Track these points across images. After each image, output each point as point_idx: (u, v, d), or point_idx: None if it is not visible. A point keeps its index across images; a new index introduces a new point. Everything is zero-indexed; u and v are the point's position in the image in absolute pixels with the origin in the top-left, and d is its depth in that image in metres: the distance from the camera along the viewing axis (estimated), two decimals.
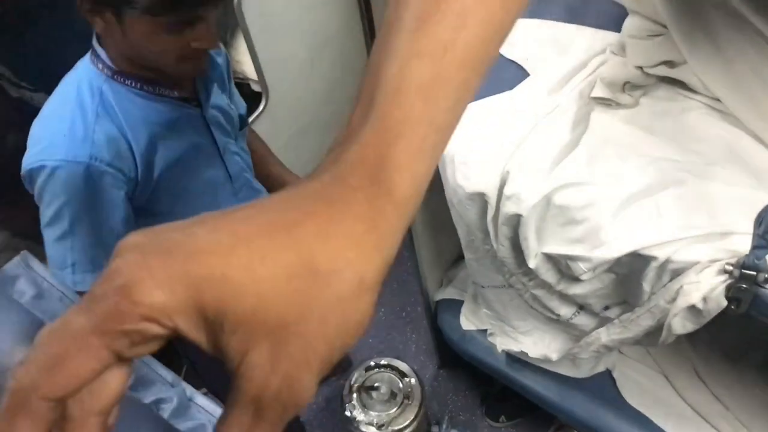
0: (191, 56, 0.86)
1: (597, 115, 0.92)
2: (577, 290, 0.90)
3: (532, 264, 0.89)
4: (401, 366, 1.40)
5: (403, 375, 1.38)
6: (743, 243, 0.70)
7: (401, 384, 1.37)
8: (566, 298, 0.95)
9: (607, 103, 0.92)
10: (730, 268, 0.70)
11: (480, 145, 0.90)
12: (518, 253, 0.92)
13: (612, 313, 0.92)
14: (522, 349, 1.18)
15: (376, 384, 1.38)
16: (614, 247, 0.78)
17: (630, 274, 0.81)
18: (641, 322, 0.84)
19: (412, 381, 1.37)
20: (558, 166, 0.85)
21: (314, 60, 1.64)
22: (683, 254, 0.74)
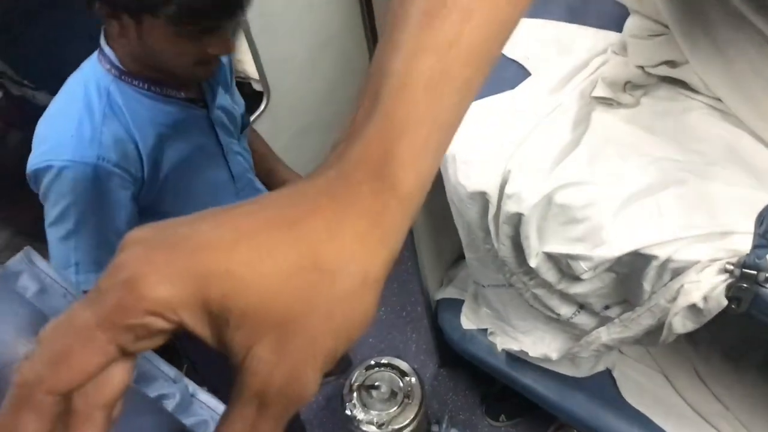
0: (206, 61, 0.87)
1: (598, 114, 0.92)
2: (577, 289, 0.90)
3: (532, 263, 0.89)
4: (401, 365, 1.40)
5: (404, 374, 1.38)
6: (744, 242, 0.70)
7: (401, 383, 1.37)
8: (567, 298, 0.96)
9: (609, 102, 0.92)
10: (731, 267, 0.70)
11: (481, 144, 0.90)
12: (519, 253, 0.92)
13: (612, 312, 0.92)
14: (522, 348, 1.18)
15: (377, 383, 1.37)
16: (615, 246, 0.78)
17: (631, 274, 0.81)
18: (642, 322, 0.84)
19: (413, 380, 1.37)
20: (559, 166, 0.85)
21: (315, 59, 1.64)
22: (684, 253, 0.74)
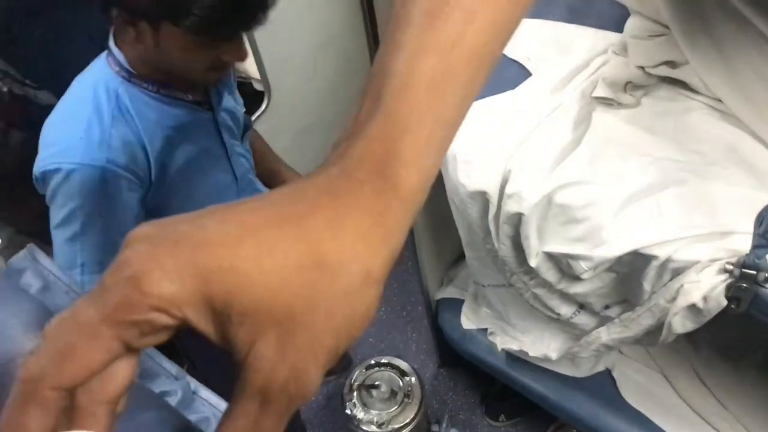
0: (218, 67, 0.87)
1: (599, 114, 0.92)
2: (577, 289, 0.90)
3: (533, 263, 0.89)
4: (401, 365, 1.40)
5: (404, 374, 1.38)
6: (744, 242, 0.70)
7: (401, 383, 1.37)
8: (567, 297, 0.96)
9: (609, 102, 0.92)
10: (731, 267, 0.70)
11: (482, 144, 0.91)
12: (519, 252, 0.92)
13: (612, 312, 0.93)
14: (522, 348, 1.18)
15: (377, 382, 1.38)
16: (615, 246, 0.78)
17: (630, 273, 0.82)
18: (641, 321, 0.84)
19: (413, 380, 1.37)
20: (559, 166, 0.85)
21: (317, 59, 1.64)
22: (684, 253, 0.74)
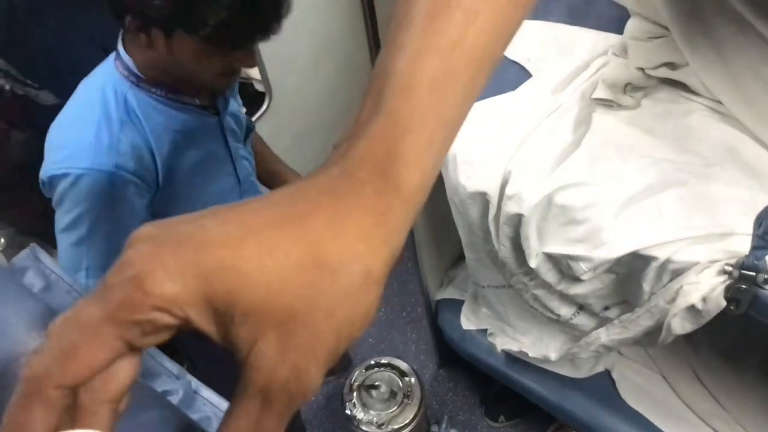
0: (229, 73, 0.88)
1: (599, 116, 0.92)
2: (577, 290, 0.90)
3: (532, 264, 0.89)
4: (401, 365, 1.40)
5: (403, 374, 1.39)
6: (743, 244, 0.71)
7: (401, 383, 1.38)
8: (566, 298, 0.96)
9: (609, 104, 0.92)
10: (730, 268, 0.71)
11: (482, 145, 0.91)
12: (519, 253, 0.92)
13: (612, 313, 0.93)
14: (521, 349, 1.18)
15: (377, 383, 1.38)
16: (615, 247, 0.78)
17: (630, 274, 0.82)
18: (641, 322, 0.84)
19: (412, 380, 1.37)
20: (559, 167, 0.86)
21: (318, 60, 1.64)
22: (683, 255, 0.74)
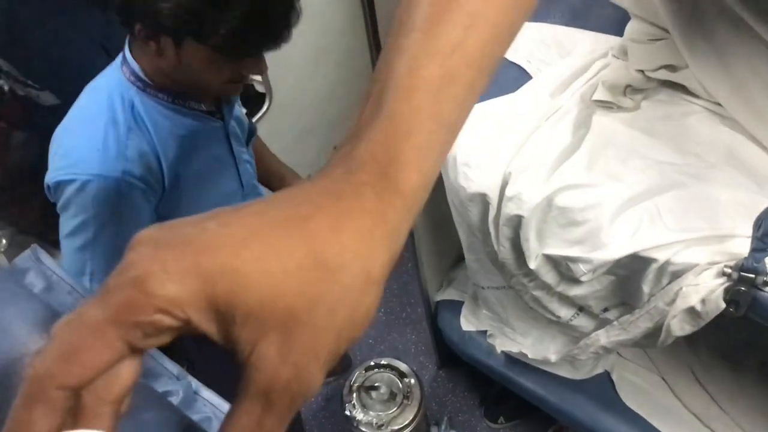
0: (238, 80, 0.88)
1: (598, 117, 0.92)
2: (576, 292, 0.90)
3: (532, 265, 0.89)
4: (401, 366, 1.40)
5: (403, 375, 1.39)
6: (742, 246, 0.71)
7: (401, 384, 1.38)
8: (566, 300, 0.96)
9: (609, 106, 0.92)
10: (729, 270, 0.71)
11: (482, 146, 0.91)
12: (519, 255, 0.93)
13: (611, 314, 0.93)
14: (521, 350, 1.18)
15: (376, 384, 1.38)
16: (614, 248, 0.78)
17: (629, 276, 0.82)
18: (640, 324, 0.84)
19: (412, 381, 1.37)
20: (559, 168, 0.86)
21: (318, 60, 1.64)
22: (682, 256, 0.74)
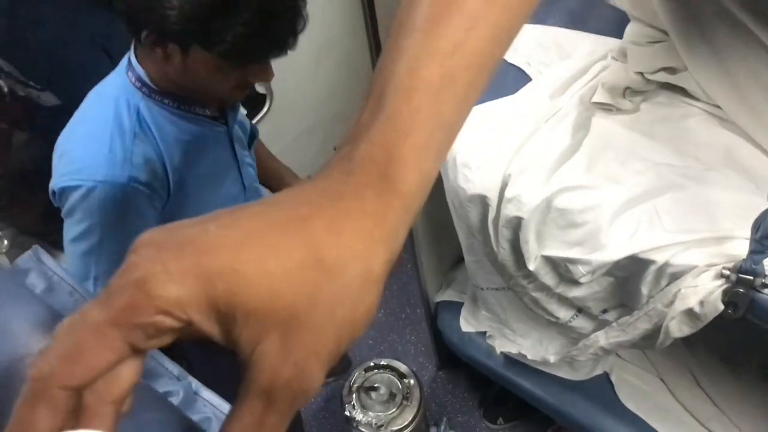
0: (245, 86, 0.88)
1: (598, 120, 0.92)
2: (576, 293, 0.91)
3: (531, 267, 0.89)
4: (400, 367, 1.40)
5: (403, 376, 1.39)
6: (741, 248, 0.71)
7: (400, 385, 1.38)
8: (565, 301, 0.96)
9: (608, 108, 0.92)
10: (728, 272, 0.71)
11: (482, 148, 0.91)
12: (518, 256, 0.93)
13: (610, 316, 0.93)
14: (520, 351, 1.18)
15: (376, 384, 1.38)
16: (613, 250, 0.78)
17: (628, 278, 0.82)
18: (639, 326, 0.84)
19: (411, 382, 1.38)
20: (559, 170, 0.86)
21: (319, 61, 1.65)
22: (681, 258, 0.74)
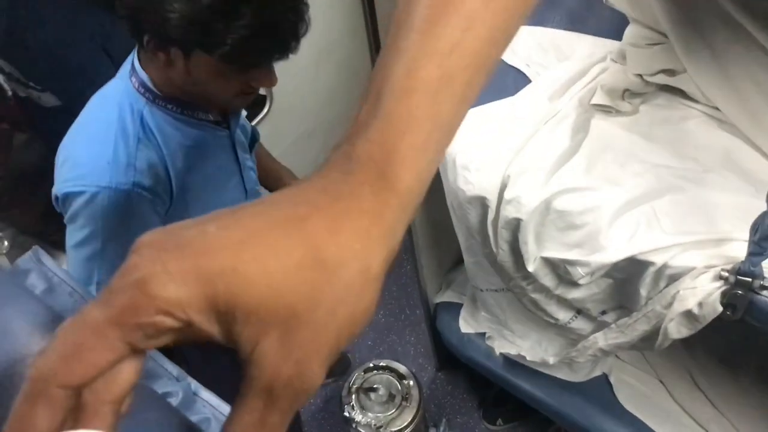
0: (248, 92, 0.88)
1: (597, 121, 0.92)
2: (575, 294, 0.91)
3: (530, 268, 0.89)
4: (400, 368, 1.40)
5: (402, 377, 1.39)
6: (739, 249, 0.71)
7: (399, 386, 1.38)
8: (564, 303, 0.96)
9: (607, 110, 0.92)
10: (726, 274, 0.71)
11: (481, 149, 0.91)
12: (517, 257, 0.93)
13: (609, 317, 0.93)
14: (520, 352, 1.19)
15: (375, 385, 1.38)
16: (612, 251, 0.79)
17: (627, 279, 0.82)
18: (638, 327, 0.84)
19: (411, 383, 1.38)
20: (558, 172, 0.86)
21: (319, 63, 1.65)
22: (680, 260, 0.75)
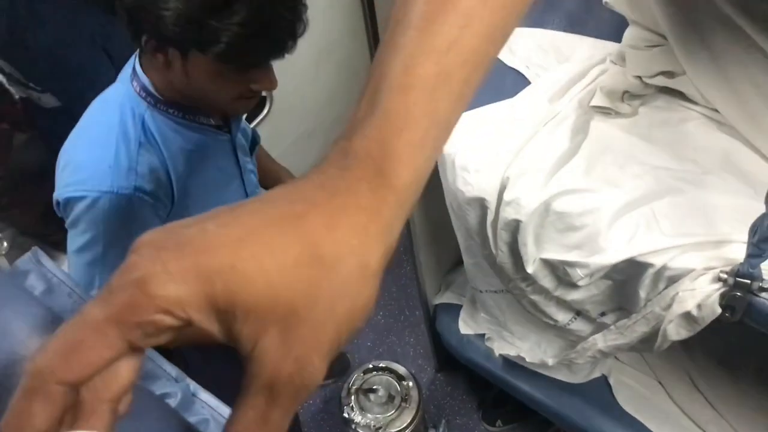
0: (247, 96, 0.87)
1: (596, 123, 0.93)
2: (574, 296, 0.91)
3: (530, 269, 0.90)
4: (399, 369, 1.40)
5: (401, 378, 1.39)
6: (738, 251, 0.71)
7: (399, 387, 1.38)
8: (563, 304, 0.96)
9: (607, 112, 0.93)
10: (725, 276, 0.71)
11: (480, 151, 0.91)
12: (517, 259, 0.93)
13: (608, 319, 0.93)
14: (519, 353, 1.19)
15: (374, 386, 1.38)
16: (611, 253, 0.79)
17: (626, 281, 0.82)
18: (637, 329, 0.85)
19: (410, 384, 1.38)
20: (557, 174, 0.86)
21: (319, 63, 1.65)
22: (679, 261, 0.75)
